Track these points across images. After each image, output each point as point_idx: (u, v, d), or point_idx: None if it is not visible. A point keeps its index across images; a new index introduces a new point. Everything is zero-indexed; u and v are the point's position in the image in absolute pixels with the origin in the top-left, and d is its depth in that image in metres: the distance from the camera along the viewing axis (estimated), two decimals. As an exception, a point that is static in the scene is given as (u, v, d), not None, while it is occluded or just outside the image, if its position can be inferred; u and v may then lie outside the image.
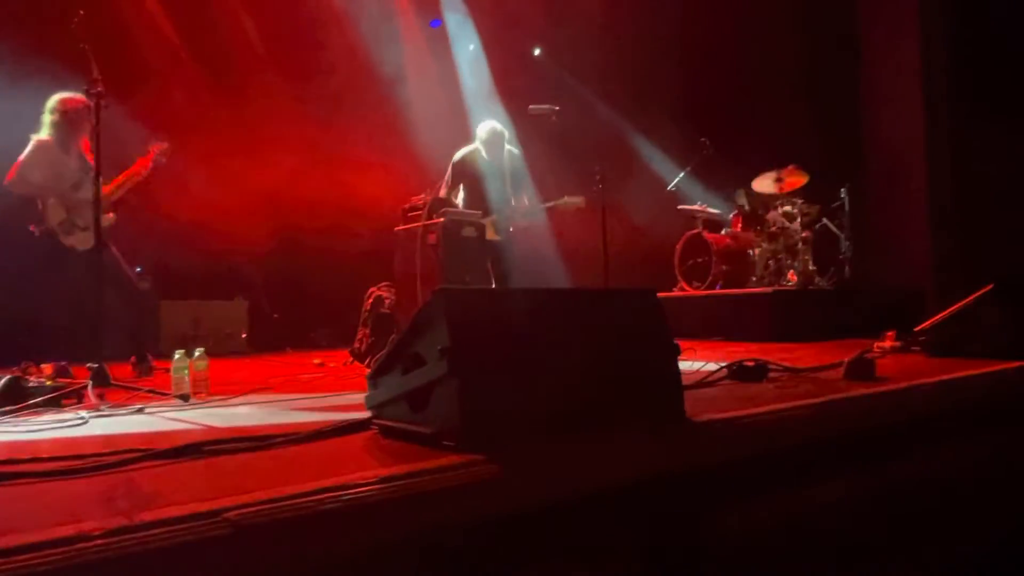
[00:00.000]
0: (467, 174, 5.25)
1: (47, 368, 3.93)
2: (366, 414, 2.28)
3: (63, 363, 3.97)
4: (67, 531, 1.22)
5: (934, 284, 7.00)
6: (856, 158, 8.34)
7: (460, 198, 5.23)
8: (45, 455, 1.92)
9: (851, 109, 8.48)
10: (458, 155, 5.33)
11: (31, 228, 4.41)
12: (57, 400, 2.97)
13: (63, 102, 4.45)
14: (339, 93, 7.73)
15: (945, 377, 3.11)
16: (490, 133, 5.24)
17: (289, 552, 1.35)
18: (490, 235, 5.16)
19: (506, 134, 5.32)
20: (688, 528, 1.97)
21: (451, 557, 1.55)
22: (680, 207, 7.78)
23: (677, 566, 1.93)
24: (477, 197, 5.22)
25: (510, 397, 1.90)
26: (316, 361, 5.20)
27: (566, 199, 5.21)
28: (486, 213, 5.09)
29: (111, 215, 4.56)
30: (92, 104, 3.56)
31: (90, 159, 4.23)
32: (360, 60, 7.72)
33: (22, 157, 4.38)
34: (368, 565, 1.44)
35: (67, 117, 4.44)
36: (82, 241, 4.43)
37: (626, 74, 8.15)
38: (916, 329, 4.33)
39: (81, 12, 3.58)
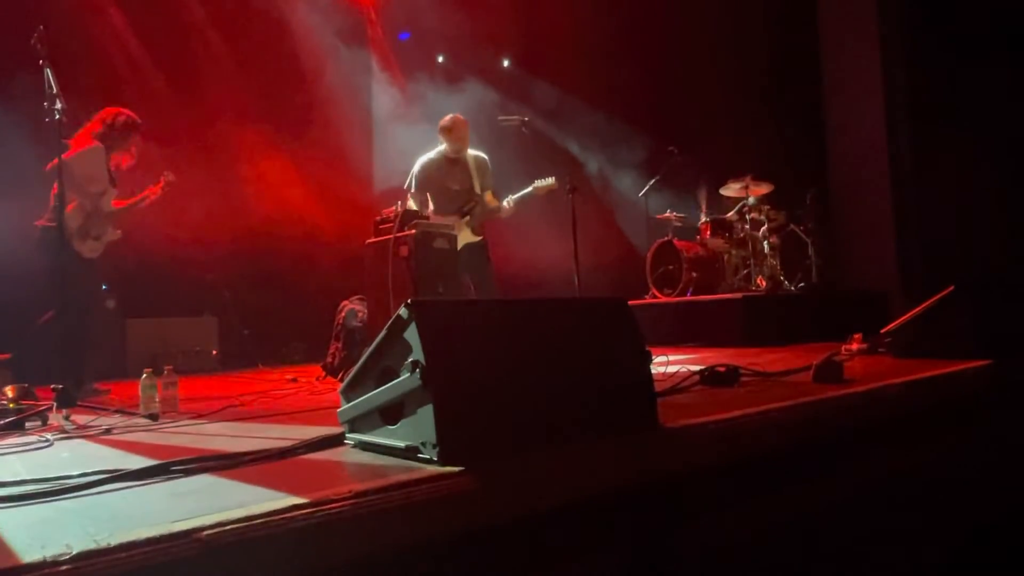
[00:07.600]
0: (431, 179, 5.22)
1: (10, 390, 3.83)
2: (339, 429, 2.26)
3: (25, 384, 3.88)
4: (33, 557, 1.19)
5: (899, 287, 7.13)
6: (822, 164, 8.50)
7: (428, 205, 5.21)
8: (8, 479, 1.87)
9: (816, 115, 8.65)
10: (419, 161, 5.29)
11: (36, 223, 4.45)
12: (20, 423, 2.90)
13: (119, 112, 4.68)
14: (308, 106, 7.70)
15: (911, 377, 3.17)
16: (452, 120, 5.23)
17: (262, 573, 1.33)
18: (465, 237, 5.15)
19: (468, 124, 5.31)
20: (664, 535, 1.98)
21: (428, 572, 1.54)
22: (650, 215, 7.86)
23: (654, 574, 1.93)
24: (445, 199, 5.19)
25: (485, 408, 1.89)
26: (289, 377, 5.14)
27: (537, 183, 5.26)
28: (460, 213, 5.10)
29: (119, 231, 4.78)
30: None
31: (121, 167, 4.75)
32: (329, 73, 7.70)
33: (76, 149, 4.46)
34: (344, 582, 1.42)
35: (118, 130, 4.65)
36: (91, 249, 4.59)
37: (595, 84, 8.22)
38: (882, 331, 4.40)
39: (41, 27, 3.52)
